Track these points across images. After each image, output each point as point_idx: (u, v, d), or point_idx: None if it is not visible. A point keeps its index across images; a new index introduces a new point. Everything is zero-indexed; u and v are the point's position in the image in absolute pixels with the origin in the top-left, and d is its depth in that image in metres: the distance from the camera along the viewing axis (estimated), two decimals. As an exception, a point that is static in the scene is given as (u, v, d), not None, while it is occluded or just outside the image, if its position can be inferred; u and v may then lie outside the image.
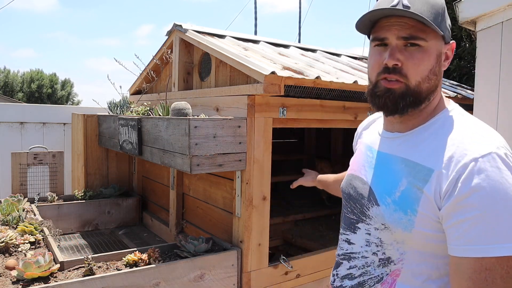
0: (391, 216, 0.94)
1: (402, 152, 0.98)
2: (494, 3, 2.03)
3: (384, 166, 1.01)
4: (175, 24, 2.71)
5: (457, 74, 4.30)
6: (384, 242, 0.98)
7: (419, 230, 0.90)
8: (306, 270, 2.24)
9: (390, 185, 0.96)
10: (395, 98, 0.95)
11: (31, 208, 2.65)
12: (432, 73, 0.94)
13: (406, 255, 0.94)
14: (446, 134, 0.92)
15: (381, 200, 0.97)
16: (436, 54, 0.94)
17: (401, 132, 1.01)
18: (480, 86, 2.15)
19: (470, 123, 0.93)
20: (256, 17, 9.16)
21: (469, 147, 0.85)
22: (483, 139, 0.87)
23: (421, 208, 0.89)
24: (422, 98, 0.95)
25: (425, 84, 0.94)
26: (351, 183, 1.11)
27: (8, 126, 3.73)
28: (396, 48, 0.93)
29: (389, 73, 0.94)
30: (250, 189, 2.00)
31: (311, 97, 2.20)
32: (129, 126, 2.47)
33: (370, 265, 1.01)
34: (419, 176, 0.90)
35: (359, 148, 1.19)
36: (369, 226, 1.00)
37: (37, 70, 29.33)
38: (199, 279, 1.87)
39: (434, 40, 0.93)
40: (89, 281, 1.62)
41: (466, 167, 0.82)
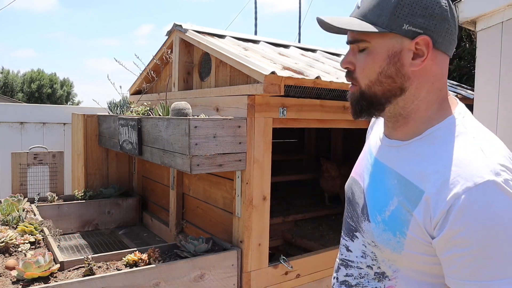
0: (380, 235, 0.90)
1: (396, 165, 0.91)
2: (494, 3, 2.03)
3: (379, 178, 0.96)
4: (175, 24, 2.71)
5: (457, 74, 4.30)
6: (378, 257, 0.94)
7: (409, 253, 0.85)
8: (306, 270, 2.24)
9: (381, 202, 0.91)
10: (352, 102, 0.94)
11: (31, 208, 2.65)
12: (383, 76, 0.86)
13: (399, 273, 0.91)
14: (443, 152, 0.83)
15: (372, 217, 0.92)
16: (386, 54, 0.85)
17: (399, 141, 0.93)
18: (480, 86, 2.15)
19: (469, 139, 0.83)
20: (256, 17, 9.17)
21: (463, 172, 0.77)
22: (481, 161, 0.78)
23: (410, 231, 0.84)
24: (379, 101, 0.89)
25: (377, 87, 0.88)
26: (352, 187, 1.06)
27: (8, 126, 3.73)
28: (350, 52, 0.91)
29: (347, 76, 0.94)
30: (250, 189, 2.00)
31: (311, 97, 2.20)
32: (129, 126, 2.47)
33: (364, 276, 0.98)
34: (410, 196, 0.84)
35: (364, 148, 1.12)
36: (365, 238, 0.97)
37: (37, 70, 29.35)
38: (199, 279, 1.87)
39: (380, 39, 0.85)
40: (89, 281, 1.62)
41: (459, 198, 0.76)
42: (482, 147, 0.81)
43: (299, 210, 3.54)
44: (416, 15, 0.84)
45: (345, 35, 0.95)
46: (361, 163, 1.08)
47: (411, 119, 0.91)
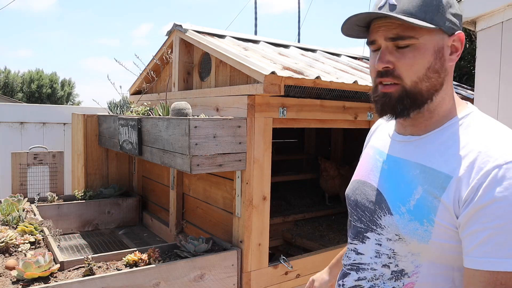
0: (406, 226, 0.88)
1: (417, 157, 0.92)
2: (494, 3, 2.03)
3: (397, 172, 0.95)
4: (175, 24, 2.71)
5: (457, 74, 4.30)
6: (397, 253, 0.92)
7: (437, 241, 0.85)
8: (306, 270, 2.24)
9: (404, 192, 0.90)
10: (392, 102, 0.90)
11: (31, 208, 2.65)
12: (431, 71, 0.88)
13: (421, 268, 0.89)
14: (467, 138, 0.85)
15: (395, 209, 0.91)
16: (433, 49, 0.88)
17: (415, 135, 0.95)
18: (480, 86, 2.16)
19: (494, 126, 0.87)
20: (256, 17, 9.17)
21: (492, 153, 0.79)
22: (508, 144, 0.80)
23: (438, 218, 0.83)
24: (423, 99, 0.89)
25: (424, 83, 0.88)
26: (358, 189, 1.05)
27: (8, 126, 3.73)
28: (386, 51, 0.89)
29: (381, 76, 0.90)
30: (250, 189, 2.00)
31: (311, 97, 2.20)
32: (129, 126, 2.47)
33: (379, 278, 0.95)
34: (436, 183, 0.85)
35: (367, 152, 1.12)
36: (380, 236, 0.94)
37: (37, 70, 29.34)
38: (199, 279, 1.87)
39: (428, 35, 0.87)
40: (89, 281, 1.62)
41: (488, 175, 0.77)
42: (507, 134, 0.84)
43: (299, 210, 3.54)
44: (451, 13, 0.89)
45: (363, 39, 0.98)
46: (365, 165, 1.07)
47: (435, 113, 0.92)
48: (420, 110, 0.91)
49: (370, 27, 0.93)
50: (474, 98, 2.19)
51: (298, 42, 3.92)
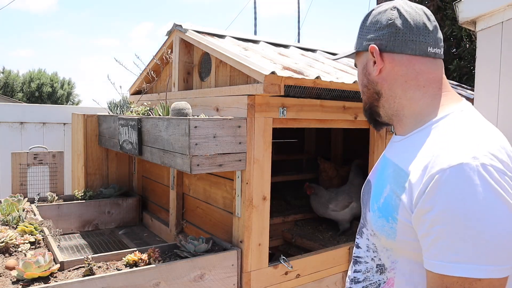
0: (376, 223, 0.94)
1: (395, 156, 0.97)
2: (494, 3, 2.03)
3: (381, 172, 1.01)
4: (175, 24, 2.71)
5: (457, 74, 4.31)
6: (377, 248, 0.98)
7: (402, 239, 0.87)
8: (306, 270, 2.24)
9: (378, 190, 0.96)
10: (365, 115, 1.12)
11: (31, 208, 2.65)
12: (362, 86, 1.06)
13: (397, 264, 0.93)
14: (431, 141, 0.88)
15: (372, 206, 0.98)
16: (361, 68, 1.05)
17: (401, 136, 1.02)
18: (480, 86, 2.15)
19: (458, 129, 0.86)
20: (256, 17, 9.17)
21: (442, 156, 0.80)
22: (459, 148, 0.80)
23: (400, 216, 0.86)
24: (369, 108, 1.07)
25: (363, 96, 1.07)
26: (364, 189, 1.13)
27: (8, 126, 3.73)
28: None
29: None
30: (250, 189, 2.00)
31: (311, 97, 2.20)
32: (129, 126, 2.47)
33: (369, 270, 1.02)
34: (400, 182, 0.88)
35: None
36: (368, 231, 1.02)
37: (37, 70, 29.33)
38: (199, 279, 1.87)
39: (358, 58, 1.07)
40: (89, 281, 1.62)
41: (432, 179, 0.78)
42: (472, 136, 0.83)
43: (299, 210, 3.54)
44: (370, 32, 1.01)
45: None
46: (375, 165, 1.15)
47: (402, 116, 1.00)
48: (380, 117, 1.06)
49: None
50: (474, 98, 2.19)
51: (298, 42, 3.92)
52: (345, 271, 2.42)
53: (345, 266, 2.41)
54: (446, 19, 4.35)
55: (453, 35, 4.41)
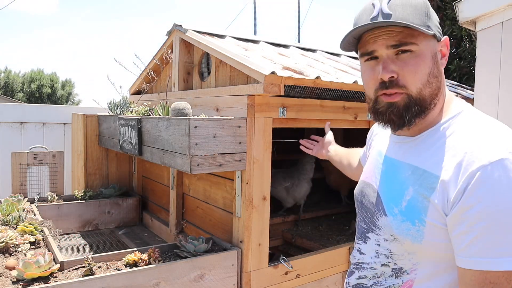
0: (399, 227, 0.89)
1: (410, 158, 0.93)
2: (494, 3, 2.03)
3: (392, 173, 0.97)
4: (175, 24, 2.71)
5: (457, 74, 4.30)
6: (394, 253, 0.93)
7: (430, 241, 0.86)
8: (306, 270, 2.24)
9: (396, 194, 0.92)
10: (399, 111, 0.89)
11: (31, 208, 2.65)
12: (431, 76, 0.89)
13: (419, 265, 0.90)
14: (456, 139, 0.86)
15: (389, 210, 0.92)
16: (431, 55, 0.89)
17: (409, 136, 0.96)
18: (480, 86, 2.15)
19: (482, 125, 0.86)
20: (256, 17, 9.17)
21: (477, 154, 0.79)
22: (493, 144, 0.80)
23: (429, 218, 0.84)
24: (427, 105, 0.90)
25: (427, 89, 0.89)
26: (363, 191, 1.07)
27: (8, 126, 3.73)
28: (388, 59, 0.88)
29: (386, 87, 0.89)
30: (250, 189, 2.00)
31: (311, 97, 2.20)
32: (129, 126, 2.47)
33: (380, 276, 0.98)
34: (426, 184, 0.86)
35: (371, 153, 1.14)
36: (379, 236, 0.96)
37: (37, 70, 29.34)
38: (199, 279, 1.87)
39: (425, 41, 0.89)
40: (89, 281, 1.62)
41: (473, 176, 0.77)
42: (496, 130, 0.84)
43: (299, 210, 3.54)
44: (436, 20, 0.92)
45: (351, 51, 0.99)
46: (369, 166, 1.09)
47: (430, 115, 0.92)
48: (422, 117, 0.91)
49: (362, 38, 0.92)
50: (474, 98, 2.19)
51: (298, 42, 3.92)
52: (345, 271, 2.42)
53: (345, 266, 2.40)
54: (446, 19, 4.35)
55: (453, 35, 4.41)
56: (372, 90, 0.93)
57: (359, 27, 0.88)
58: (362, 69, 0.97)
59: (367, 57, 0.93)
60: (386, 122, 0.94)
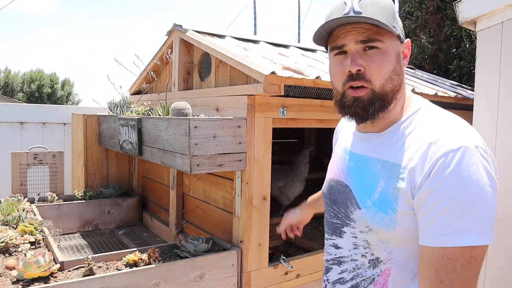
0: (373, 218, 0.95)
1: (377, 153, 0.99)
2: (494, 3, 2.03)
3: (361, 168, 1.02)
4: (175, 24, 2.71)
5: (457, 74, 4.30)
6: (370, 243, 0.99)
7: (402, 227, 0.92)
8: (306, 270, 2.24)
9: (368, 187, 0.97)
10: (364, 105, 0.95)
11: (31, 208, 2.65)
12: (394, 73, 0.96)
13: (393, 254, 0.96)
14: (419, 132, 0.93)
15: (362, 203, 0.98)
16: (395, 54, 0.96)
17: (375, 133, 1.02)
18: (480, 86, 2.15)
19: (442, 119, 0.94)
20: (256, 16, 9.17)
21: (440, 143, 0.87)
22: (454, 134, 0.88)
23: (400, 206, 0.91)
24: (389, 100, 0.96)
25: (389, 85, 0.95)
26: (333, 188, 1.11)
27: (8, 126, 3.73)
28: (356, 54, 0.94)
29: (353, 79, 0.95)
30: (250, 189, 2.00)
31: (311, 97, 2.20)
32: (129, 126, 2.47)
33: (360, 267, 1.02)
34: (396, 175, 0.92)
35: (336, 151, 1.20)
36: (354, 229, 1.01)
37: (37, 70, 29.33)
38: (199, 279, 1.87)
39: (391, 40, 0.95)
40: (89, 281, 1.62)
41: (437, 162, 0.85)
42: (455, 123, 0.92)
43: (299, 210, 3.53)
44: (400, 23, 1.02)
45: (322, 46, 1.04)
46: (336, 164, 1.15)
47: (393, 112, 1.00)
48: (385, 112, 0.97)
49: (332, 33, 0.98)
50: (474, 98, 2.19)
51: (298, 42, 3.92)
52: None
53: (345, 266, 2.40)
54: (446, 19, 4.35)
55: (453, 35, 4.41)
56: (340, 83, 0.98)
57: (332, 20, 0.93)
58: (331, 63, 1.02)
59: (336, 51, 0.98)
60: (352, 115, 0.99)
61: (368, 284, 1.00)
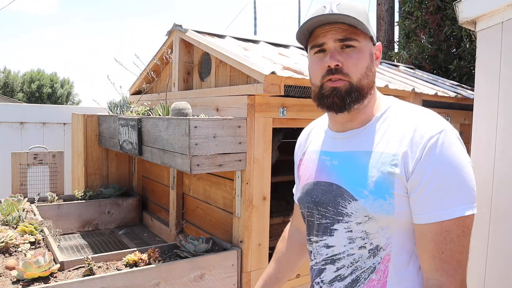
0: (372, 205, 0.99)
1: (363, 146, 1.05)
2: (494, 3, 2.02)
3: (349, 164, 1.06)
4: (175, 24, 2.71)
5: (457, 74, 4.30)
6: (369, 233, 1.01)
7: (400, 211, 0.97)
8: (306, 270, 2.23)
9: (361, 179, 1.02)
10: (341, 95, 1.03)
11: (31, 208, 2.65)
12: (368, 70, 1.04)
13: (392, 239, 1.00)
14: (400, 122, 1.02)
15: (358, 194, 1.01)
16: (368, 53, 1.05)
17: (355, 129, 1.08)
18: (480, 86, 2.15)
19: (417, 110, 1.04)
20: (256, 16, 9.17)
21: (424, 128, 0.96)
22: (433, 121, 0.98)
23: (396, 190, 0.96)
24: (364, 93, 1.04)
25: (365, 80, 1.04)
26: (314, 190, 1.12)
27: (8, 126, 3.73)
28: (335, 51, 1.02)
29: (332, 74, 1.02)
30: (250, 189, 2.00)
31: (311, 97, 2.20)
32: (129, 126, 2.47)
33: (358, 260, 1.04)
34: (387, 162, 0.98)
35: (308, 157, 1.22)
36: (349, 223, 1.03)
37: (37, 70, 29.32)
38: (199, 279, 1.87)
39: (365, 41, 1.04)
40: (89, 281, 1.62)
41: (425, 146, 0.93)
42: (429, 112, 1.02)
43: (299, 210, 3.54)
44: (373, 28, 1.10)
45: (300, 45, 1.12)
46: (313, 167, 1.17)
47: (368, 108, 1.08)
48: (360, 104, 1.05)
49: (313, 33, 1.06)
50: (474, 98, 2.19)
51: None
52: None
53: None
54: (446, 19, 4.35)
55: (453, 35, 4.41)
56: (319, 77, 1.05)
57: (314, 17, 1.01)
58: (310, 61, 1.10)
59: (316, 49, 1.05)
60: (330, 105, 1.05)
61: (369, 274, 1.02)
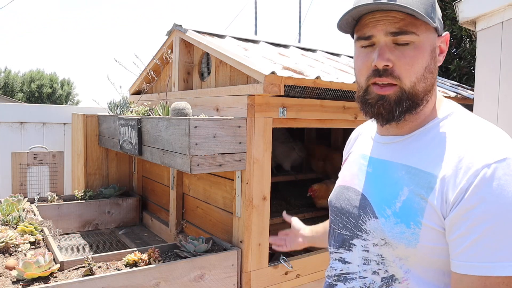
0: (391, 230, 0.83)
1: (402, 157, 0.87)
2: (494, 3, 2.02)
3: (381, 174, 0.90)
4: (175, 24, 2.71)
5: (457, 74, 4.30)
6: (385, 258, 0.86)
7: (425, 245, 0.80)
8: (306, 270, 2.24)
9: (389, 194, 0.86)
10: (390, 105, 0.84)
11: (31, 208, 2.64)
12: (427, 71, 0.84)
13: (411, 273, 0.84)
14: (453, 137, 0.81)
15: (380, 212, 0.86)
16: (430, 49, 0.84)
17: (399, 136, 0.91)
18: (480, 86, 2.15)
19: (480, 126, 0.82)
20: (256, 17, 9.17)
21: (480, 152, 0.75)
22: (496, 143, 0.76)
23: (425, 219, 0.79)
24: (419, 101, 0.85)
25: (421, 84, 0.84)
26: (342, 195, 0.99)
27: (8, 126, 3.73)
28: (385, 47, 0.82)
29: (379, 76, 0.84)
30: (250, 189, 2.00)
31: (311, 97, 2.20)
32: (129, 126, 2.47)
33: (369, 286, 0.90)
34: (423, 183, 0.80)
35: (351, 157, 1.08)
36: (366, 242, 0.89)
37: (37, 70, 29.34)
38: (199, 279, 1.87)
39: (427, 34, 0.83)
40: (89, 281, 1.62)
41: (477, 174, 0.73)
42: (494, 130, 0.81)
43: (299, 210, 3.54)
44: (440, 15, 0.86)
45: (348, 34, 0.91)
46: (350, 170, 1.03)
47: (422, 114, 0.88)
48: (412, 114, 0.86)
49: (360, 21, 0.86)
50: (474, 98, 2.19)
51: (298, 42, 3.92)
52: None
53: (345, 266, 2.40)
54: (446, 19, 4.35)
55: (453, 35, 4.41)
56: (364, 77, 0.87)
57: (360, 5, 0.81)
58: (356, 54, 0.90)
59: (363, 42, 0.86)
60: (374, 115, 0.88)
61: None
